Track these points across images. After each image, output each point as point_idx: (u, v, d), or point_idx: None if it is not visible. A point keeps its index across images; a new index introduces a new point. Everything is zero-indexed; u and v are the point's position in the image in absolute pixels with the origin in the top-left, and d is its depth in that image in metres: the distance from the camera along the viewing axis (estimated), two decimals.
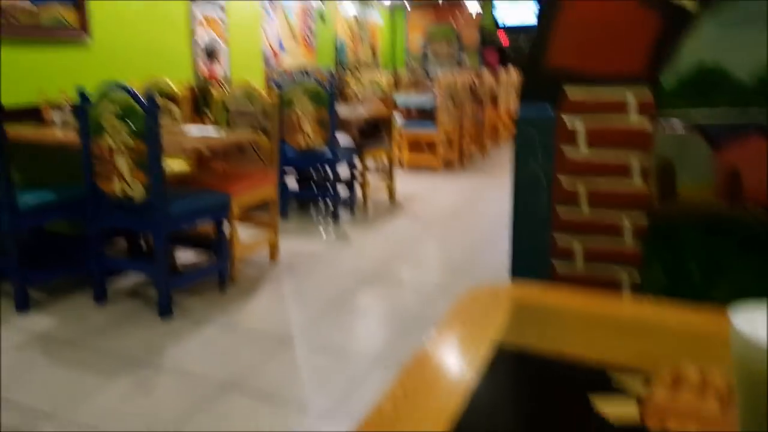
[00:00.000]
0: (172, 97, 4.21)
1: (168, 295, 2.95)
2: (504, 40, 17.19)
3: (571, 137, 1.39)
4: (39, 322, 2.93)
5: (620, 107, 1.34)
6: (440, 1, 13.56)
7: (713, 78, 1.28)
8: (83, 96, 2.90)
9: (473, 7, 15.02)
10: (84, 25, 3.90)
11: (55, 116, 3.56)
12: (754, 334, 0.51)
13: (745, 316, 0.54)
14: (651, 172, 1.35)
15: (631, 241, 1.40)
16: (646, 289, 1.40)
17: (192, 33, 4.89)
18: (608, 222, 1.40)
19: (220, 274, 3.31)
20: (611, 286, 1.42)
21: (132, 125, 2.80)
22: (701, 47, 1.28)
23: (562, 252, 1.46)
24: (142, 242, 3.82)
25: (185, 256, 3.83)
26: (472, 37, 17.60)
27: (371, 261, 3.85)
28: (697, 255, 1.35)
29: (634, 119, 1.34)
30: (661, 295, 1.38)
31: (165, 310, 2.95)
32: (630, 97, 1.33)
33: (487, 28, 17.25)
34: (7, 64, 3.51)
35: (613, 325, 1.17)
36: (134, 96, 2.80)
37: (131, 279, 3.45)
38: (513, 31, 16.90)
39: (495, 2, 16.67)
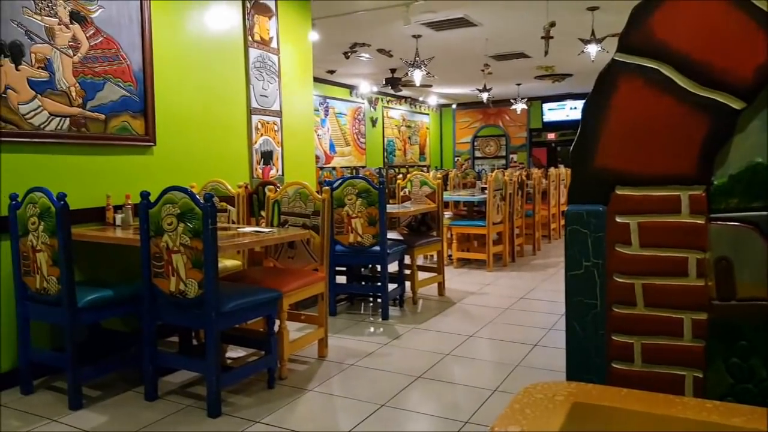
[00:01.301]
0: (229, 198, 4.39)
1: (217, 393, 2.94)
2: (552, 138, 17.44)
3: (624, 236, 1.37)
4: (90, 419, 2.94)
5: (673, 206, 1.33)
6: (486, 101, 13.90)
7: (765, 176, 1.26)
8: (145, 198, 3.05)
9: (520, 106, 15.34)
10: (149, 133, 4.15)
11: (117, 217, 3.74)
12: None
13: None
14: (708, 270, 1.32)
15: (691, 340, 1.34)
16: (710, 390, 1.33)
17: (251, 140, 5.15)
18: (666, 321, 1.36)
19: (269, 371, 3.30)
20: (672, 386, 1.36)
21: (190, 225, 2.91)
22: (752, 146, 1.27)
23: (620, 352, 1.41)
24: (194, 339, 3.87)
25: (233, 351, 3.84)
26: (519, 135, 17.94)
27: (421, 359, 3.78)
28: (762, 353, 1.29)
29: (688, 218, 1.32)
30: (726, 397, 1.31)
31: (214, 409, 2.93)
32: (683, 196, 1.32)
33: (535, 127, 17.59)
34: (77, 170, 3.74)
35: (677, 428, 1.11)
36: (193, 197, 2.93)
37: (182, 374, 3.46)
38: (561, 128, 17.16)
39: (542, 102, 17.09)
